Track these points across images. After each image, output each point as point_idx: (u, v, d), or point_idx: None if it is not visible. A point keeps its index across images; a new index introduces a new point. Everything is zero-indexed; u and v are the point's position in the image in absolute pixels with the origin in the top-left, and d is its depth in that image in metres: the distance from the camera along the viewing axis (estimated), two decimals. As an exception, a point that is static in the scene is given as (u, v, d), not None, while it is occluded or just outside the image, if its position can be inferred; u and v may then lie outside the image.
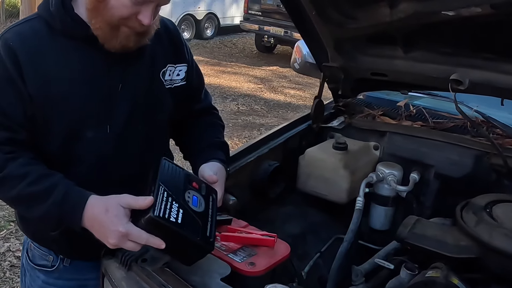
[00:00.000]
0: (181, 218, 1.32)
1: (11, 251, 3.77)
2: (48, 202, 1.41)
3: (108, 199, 1.39)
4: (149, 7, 1.43)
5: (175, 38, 1.73)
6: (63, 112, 1.49)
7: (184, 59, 1.74)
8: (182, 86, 1.73)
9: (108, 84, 1.54)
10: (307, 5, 1.98)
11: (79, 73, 1.50)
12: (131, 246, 1.34)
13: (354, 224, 1.89)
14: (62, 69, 1.48)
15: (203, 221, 1.38)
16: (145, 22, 1.43)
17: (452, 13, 1.65)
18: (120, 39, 1.47)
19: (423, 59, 2.00)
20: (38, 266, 1.76)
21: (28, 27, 1.50)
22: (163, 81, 1.66)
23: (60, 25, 1.48)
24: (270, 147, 2.21)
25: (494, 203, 1.73)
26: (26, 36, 1.48)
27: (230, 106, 8.10)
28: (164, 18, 1.71)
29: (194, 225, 1.35)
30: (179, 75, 1.71)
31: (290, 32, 10.86)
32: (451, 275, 1.48)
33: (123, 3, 1.40)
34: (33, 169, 1.46)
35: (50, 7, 1.49)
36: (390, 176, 2.09)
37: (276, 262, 1.52)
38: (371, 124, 2.39)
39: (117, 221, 1.33)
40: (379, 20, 1.88)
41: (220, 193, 1.57)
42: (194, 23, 13.32)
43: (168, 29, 1.71)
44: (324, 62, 2.31)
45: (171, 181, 1.40)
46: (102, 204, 1.38)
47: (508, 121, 2.23)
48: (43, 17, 1.50)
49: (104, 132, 1.55)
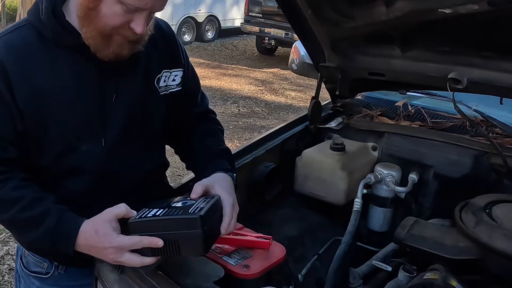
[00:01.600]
0: (162, 213, 1.34)
1: (10, 254, 3.75)
2: (40, 229, 1.39)
3: (95, 220, 1.37)
4: (142, 15, 1.36)
5: (171, 42, 1.67)
6: (56, 126, 1.44)
7: (180, 63, 1.68)
8: (178, 92, 1.67)
9: (102, 95, 1.48)
10: (303, 5, 1.96)
11: (72, 84, 1.44)
12: (133, 259, 1.33)
13: (352, 226, 1.87)
14: (54, 81, 1.42)
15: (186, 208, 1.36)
16: (138, 30, 1.37)
17: (449, 10, 1.63)
18: (113, 48, 1.41)
19: (421, 58, 1.99)
20: (32, 273, 1.73)
21: (17, 36, 1.43)
22: (158, 88, 1.60)
23: (51, 34, 1.42)
24: (267, 148, 2.20)
25: (494, 204, 1.71)
26: (15, 46, 1.41)
27: (231, 108, 8.09)
28: (159, 20, 1.64)
29: (176, 211, 1.35)
30: (174, 80, 1.65)
31: (291, 34, 10.83)
32: (450, 277, 1.47)
33: (115, 12, 1.34)
34: (25, 193, 1.42)
35: (40, 14, 1.42)
36: (388, 177, 2.07)
37: (271, 264, 1.50)
38: (369, 125, 2.37)
39: (108, 239, 1.33)
40: (376, 18, 1.86)
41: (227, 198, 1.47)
42: (195, 25, 13.32)
43: (163, 32, 1.65)
44: (321, 62, 2.29)
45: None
46: (91, 227, 1.36)
47: (507, 120, 2.22)
48: (33, 24, 1.44)
49: (99, 145, 1.50)
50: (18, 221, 1.43)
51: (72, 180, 1.51)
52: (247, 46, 13.88)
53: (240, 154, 2.09)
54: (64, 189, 1.48)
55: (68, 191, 1.48)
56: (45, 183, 1.49)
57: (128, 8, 1.33)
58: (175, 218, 1.32)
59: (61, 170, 1.50)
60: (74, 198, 1.48)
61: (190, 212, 1.32)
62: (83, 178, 1.52)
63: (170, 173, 4.88)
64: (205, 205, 1.36)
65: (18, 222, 1.43)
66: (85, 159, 1.50)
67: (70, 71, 1.44)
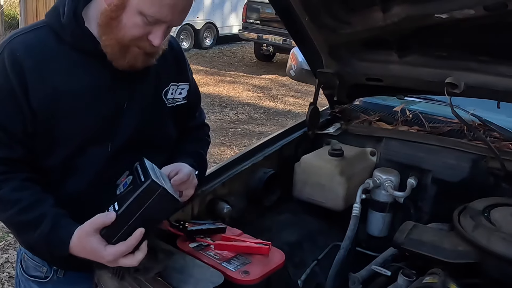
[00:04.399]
0: (118, 205, 1.34)
1: (10, 262, 3.75)
2: (36, 233, 1.40)
3: (80, 235, 1.36)
4: (161, 27, 1.41)
5: (179, 57, 1.72)
6: (67, 128, 1.47)
7: (186, 78, 1.73)
8: (183, 105, 1.71)
9: (114, 101, 1.52)
10: (300, 11, 1.97)
11: (86, 87, 1.47)
12: (128, 262, 1.35)
13: (351, 231, 1.87)
14: (69, 83, 1.45)
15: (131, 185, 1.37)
16: (155, 42, 1.42)
17: (445, 15, 1.65)
18: (129, 59, 1.45)
19: (418, 63, 2.00)
20: (32, 277, 1.74)
21: (34, 37, 1.46)
22: (165, 100, 1.64)
23: (71, 37, 1.45)
24: (265, 154, 2.20)
25: (492, 207, 1.72)
26: (33, 46, 1.44)
27: (230, 115, 8.10)
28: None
29: (128, 193, 1.34)
30: (181, 93, 1.70)
31: (289, 40, 10.83)
32: (449, 281, 1.47)
33: (135, 23, 1.38)
34: (25, 195, 1.43)
35: (61, 18, 1.45)
36: (387, 182, 2.07)
37: (271, 270, 1.50)
38: (368, 130, 2.38)
39: (97, 254, 1.34)
40: (373, 24, 1.88)
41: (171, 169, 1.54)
42: (193, 32, 13.33)
43: (172, 47, 1.68)
44: (319, 68, 2.30)
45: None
46: (78, 242, 1.36)
47: (505, 124, 2.22)
48: (51, 26, 1.46)
49: (105, 149, 1.53)
50: (15, 223, 1.45)
51: (73, 179, 1.54)
52: (245, 52, 13.90)
53: (239, 160, 2.09)
54: (64, 188, 1.50)
55: (69, 190, 1.50)
56: (46, 181, 1.50)
57: (148, 20, 1.38)
58: (134, 197, 1.31)
59: (64, 170, 1.52)
60: (74, 197, 1.49)
61: (139, 183, 1.33)
62: (84, 178, 1.54)
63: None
64: (143, 172, 1.37)
65: (15, 223, 1.45)
66: (89, 161, 1.52)
67: (86, 75, 1.47)
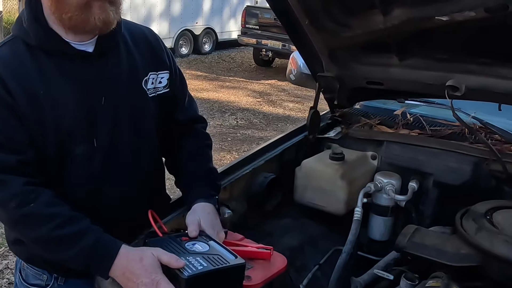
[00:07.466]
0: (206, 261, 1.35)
1: (9, 268, 3.74)
2: (76, 247, 1.40)
3: (143, 249, 1.41)
4: None
5: (154, 45, 1.72)
6: (50, 128, 1.48)
7: (165, 66, 1.72)
8: (166, 94, 1.71)
9: (92, 97, 1.53)
10: (300, 15, 1.97)
11: (64, 89, 1.49)
12: None
13: (352, 235, 1.86)
14: (48, 87, 1.47)
15: (217, 254, 1.40)
16: None
17: (446, 18, 1.64)
18: (96, 15, 1.43)
19: (419, 66, 1.99)
20: (32, 285, 1.73)
21: (6, 50, 1.50)
22: (146, 90, 1.65)
23: (35, 40, 1.47)
24: (266, 159, 2.19)
25: (494, 210, 1.71)
26: (7, 59, 1.47)
27: (229, 120, 8.09)
28: (142, 26, 1.75)
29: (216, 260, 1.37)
30: (161, 82, 1.70)
31: (288, 45, 10.87)
32: (452, 284, 1.47)
33: None
34: (61, 210, 1.44)
35: (23, 24, 1.49)
36: (388, 186, 2.06)
37: (273, 275, 1.50)
38: (368, 134, 2.37)
39: (152, 270, 1.34)
40: (373, 27, 1.87)
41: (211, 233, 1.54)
42: (192, 38, 13.36)
43: (146, 36, 1.71)
44: (319, 72, 2.30)
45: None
46: (136, 253, 1.39)
47: (506, 127, 2.22)
48: (18, 36, 1.50)
49: (91, 146, 1.54)
50: (53, 238, 1.42)
51: (67, 186, 1.54)
52: (245, 58, 13.92)
53: (240, 165, 2.09)
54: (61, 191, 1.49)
55: (65, 192, 1.50)
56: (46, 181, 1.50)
57: None
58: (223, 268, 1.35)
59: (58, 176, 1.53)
60: (72, 199, 1.49)
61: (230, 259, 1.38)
62: (79, 184, 1.55)
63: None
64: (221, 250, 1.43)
65: (53, 238, 1.42)
66: (80, 163, 1.53)
67: (60, 76, 1.49)
